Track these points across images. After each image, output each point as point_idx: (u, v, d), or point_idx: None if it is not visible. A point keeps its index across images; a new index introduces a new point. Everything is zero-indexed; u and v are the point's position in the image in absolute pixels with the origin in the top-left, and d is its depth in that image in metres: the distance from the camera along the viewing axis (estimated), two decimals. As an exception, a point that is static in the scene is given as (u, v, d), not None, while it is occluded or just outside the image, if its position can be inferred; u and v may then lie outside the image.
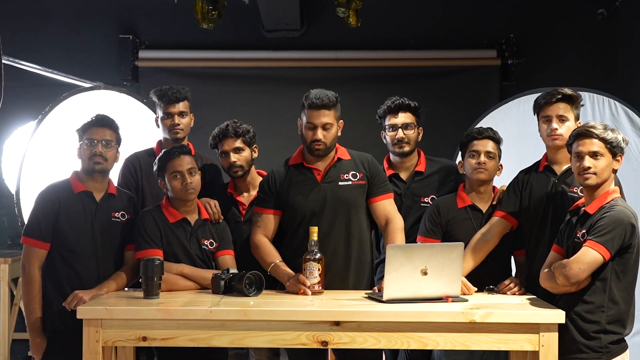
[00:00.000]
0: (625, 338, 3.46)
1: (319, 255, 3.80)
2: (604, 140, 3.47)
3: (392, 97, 4.41)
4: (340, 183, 4.03)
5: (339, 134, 4.08)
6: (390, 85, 6.67)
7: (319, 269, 3.78)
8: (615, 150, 3.48)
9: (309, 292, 3.74)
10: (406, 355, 4.25)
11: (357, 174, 4.08)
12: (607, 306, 3.39)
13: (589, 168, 3.46)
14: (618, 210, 3.39)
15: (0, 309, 6.30)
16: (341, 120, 4.09)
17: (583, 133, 3.51)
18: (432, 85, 7.28)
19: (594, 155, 3.47)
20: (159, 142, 4.57)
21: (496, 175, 4.13)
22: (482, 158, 4.03)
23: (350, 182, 4.04)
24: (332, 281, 3.94)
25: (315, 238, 3.81)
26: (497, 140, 4.10)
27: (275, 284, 3.97)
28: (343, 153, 4.14)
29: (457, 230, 4.07)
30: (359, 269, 4.04)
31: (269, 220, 4.07)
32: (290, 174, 4.09)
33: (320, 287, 3.79)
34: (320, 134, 3.98)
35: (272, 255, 4.00)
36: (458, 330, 3.38)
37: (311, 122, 3.99)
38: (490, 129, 4.14)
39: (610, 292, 3.39)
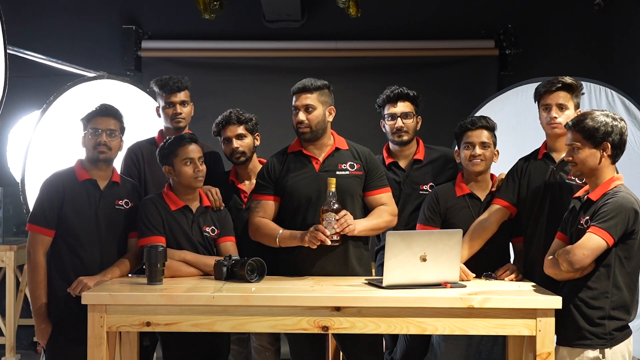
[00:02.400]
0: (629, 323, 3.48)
1: (337, 206, 3.78)
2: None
3: (391, 86, 4.44)
4: (337, 172, 4.02)
5: (329, 119, 4.08)
6: (390, 75, 6.71)
7: (337, 220, 3.78)
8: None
9: (329, 242, 3.74)
10: (405, 340, 4.29)
11: (355, 164, 4.08)
12: (611, 292, 3.39)
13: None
14: (621, 197, 3.40)
15: (6, 296, 6.37)
16: (331, 107, 4.09)
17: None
18: (431, 75, 7.28)
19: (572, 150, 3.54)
20: (160, 132, 4.61)
21: (493, 162, 4.13)
22: (477, 150, 4.04)
23: (347, 172, 4.04)
24: (331, 268, 3.96)
25: (333, 189, 3.80)
26: (491, 128, 4.10)
27: (277, 271, 3.98)
28: (341, 143, 4.14)
29: (456, 218, 4.09)
30: (358, 256, 4.03)
31: (268, 206, 4.06)
32: (289, 161, 4.10)
33: (339, 237, 3.79)
34: (302, 115, 4.01)
35: (275, 228, 3.98)
36: (456, 315, 3.41)
37: (294, 105, 4.05)
38: (483, 117, 4.15)
39: (614, 278, 3.39)
